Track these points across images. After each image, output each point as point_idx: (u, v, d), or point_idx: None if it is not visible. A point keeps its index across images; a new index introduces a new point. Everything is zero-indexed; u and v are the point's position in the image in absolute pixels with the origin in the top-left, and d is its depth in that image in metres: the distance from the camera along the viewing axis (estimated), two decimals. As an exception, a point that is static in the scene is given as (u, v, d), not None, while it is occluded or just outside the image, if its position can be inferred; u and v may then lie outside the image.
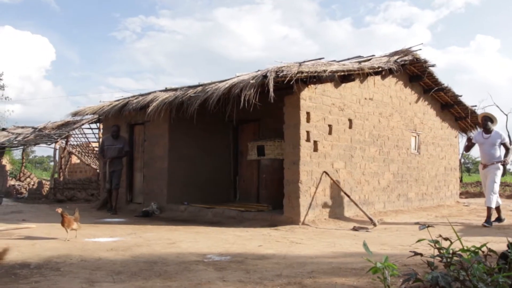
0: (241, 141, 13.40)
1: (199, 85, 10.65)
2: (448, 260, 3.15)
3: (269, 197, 10.75)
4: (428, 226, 3.51)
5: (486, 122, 9.75)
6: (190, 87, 10.94)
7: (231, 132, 13.52)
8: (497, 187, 9.55)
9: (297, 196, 9.07)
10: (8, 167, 23.83)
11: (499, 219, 9.79)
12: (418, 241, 3.60)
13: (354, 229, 8.67)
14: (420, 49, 11.87)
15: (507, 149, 9.60)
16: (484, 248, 3.34)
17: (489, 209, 9.39)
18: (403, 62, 11.52)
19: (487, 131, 9.72)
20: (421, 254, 3.32)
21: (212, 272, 4.76)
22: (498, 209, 9.82)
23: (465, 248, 3.29)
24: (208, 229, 8.63)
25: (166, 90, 11.90)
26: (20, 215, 11.44)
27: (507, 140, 9.66)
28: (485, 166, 9.70)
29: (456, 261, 3.16)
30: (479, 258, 3.18)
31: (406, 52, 11.68)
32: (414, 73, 12.96)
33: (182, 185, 12.03)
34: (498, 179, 9.57)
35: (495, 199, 9.46)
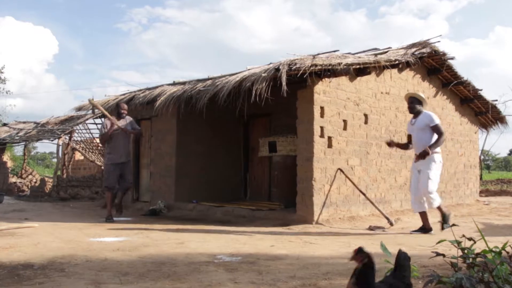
0: (252, 137, 13.40)
1: (208, 79, 10.65)
2: (472, 261, 3.14)
3: (281, 195, 10.74)
4: (452, 225, 3.49)
5: (411, 104, 8.42)
6: (199, 80, 10.94)
7: (241, 128, 13.52)
8: (433, 185, 8.03)
9: (311, 194, 9.06)
10: (9, 163, 23.95)
11: (423, 229, 8.23)
12: (440, 241, 3.59)
13: (370, 228, 8.66)
14: (439, 41, 11.79)
15: (438, 134, 8.06)
16: (508, 248, 3.33)
17: (421, 214, 8.24)
18: (420, 55, 11.45)
19: (414, 114, 8.42)
20: (443, 255, 3.31)
21: (223, 273, 4.76)
22: (424, 215, 8.25)
23: (489, 248, 3.28)
24: (218, 228, 8.64)
25: (174, 83, 11.91)
26: (22, 213, 11.51)
27: (438, 122, 8.08)
28: (417, 158, 8.22)
29: (480, 262, 3.16)
30: (504, 259, 3.16)
31: (424, 44, 11.61)
32: (432, 66, 12.89)
33: (190, 183, 12.04)
34: (433, 174, 8.05)
35: (437, 199, 8.10)
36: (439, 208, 8.19)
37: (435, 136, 8.09)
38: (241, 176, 13.57)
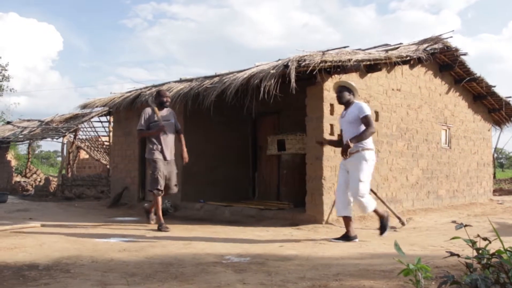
0: (260, 135, 13.40)
1: (215, 76, 10.66)
2: (487, 261, 3.13)
3: (290, 195, 10.73)
4: (466, 226, 3.47)
5: (340, 93, 7.50)
6: (206, 77, 10.95)
7: (249, 126, 13.52)
8: (364, 188, 7.10)
9: (320, 194, 9.05)
10: (13, 162, 24.07)
11: (346, 237, 7.24)
12: (453, 238, 3.57)
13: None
14: (451, 37, 11.77)
15: (366, 126, 7.13)
16: (524, 249, 3.31)
17: (345, 219, 7.32)
18: (432, 51, 11.43)
19: (345, 105, 7.52)
20: (458, 255, 3.29)
21: (232, 274, 4.75)
22: (348, 220, 7.30)
23: (505, 248, 3.26)
24: (225, 228, 8.65)
25: (180, 80, 11.93)
26: (26, 213, 11.54)
27: (368, 113, 7.17)
28: (343, 155, 7.25)
29: (495, 262, 3.14)
30: (520, 259, 3.15)
31: (436, 39, 11.59)
32: (445, 62, 12.86)
33: (197, 182, 12.05)
34: (364, 175, 7.12)
35: (370, 203, 7.18)
36: (375, 211, 7.40)
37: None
38: (249, 175, 13.57)
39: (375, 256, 5.86)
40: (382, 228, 7.48)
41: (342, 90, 7.48)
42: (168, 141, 8.93)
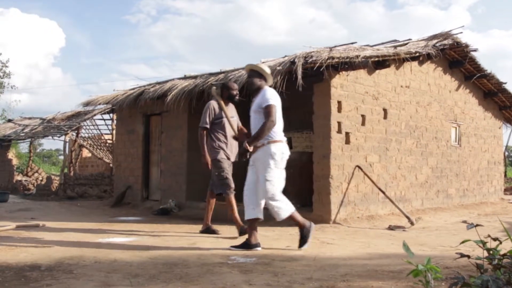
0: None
1: (220, 72, 10.66)
2: (499, 262, 3.13)
3: (297, 194, 10.69)
4: (477, 225, 3.47)
5: (249, 78, 6.75)
6: (211, 74, 10.94)
7: (255, 123, 13.50)
8: (273, 187, 6.31)
9: (328, 193, 9.06)
10: (15, 161, 24.16)
11: (246, 245, 6.40)
12: (464, 241, 3.57)
13: (390, 228, 8.65)
14: (461, 32, 11.76)
15: (265, 117, 6.28)
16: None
17: (251, 222, 6.57)
18: (442, 47, 11.41)
19: (253, 92, 6.71)
20: (468, 256, 3.29)
21: (237, 275, 4.76)
22: (252, 225, 6.55)
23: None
24: (231, 228, 8.65)
25: (185, 77, 11.93)
26: (28, 213, 11.57)
27: (270, 103, 6.29)
28: (254, 149, 6.45)
29: (507, 263, 3.14)
30: (532, 260, 3.15)
31: (445, 35, 11.57)
32: (454, 58, 12.83)
33: (202, 181, 11.98)
34: (272, 174, 6.30)
35: (285, 207, 6.41)
36: (293, 218, 6.52)
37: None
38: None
39: (384, 257, 5.86)
40: (302, 240, 6.41)
41: (252, 75, 6.68)
42: (231, 139, 8.10)
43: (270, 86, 6.88)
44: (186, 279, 4.59)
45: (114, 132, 19.11)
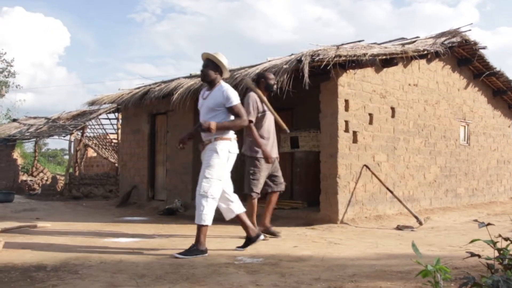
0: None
1: (226, 71, 10.65)
2: (509, 262, 3.11)
3: (304, 193, 10.72)
4: (488, 224, 3.45)
5: (205, 68, 6.32)
6: (216, 73, 10.93)
7: (261, 122, 13.50)
8: (208, 185, 6.02)
9: (335, 192, 9.04)
10: (20, 161, 24.19)
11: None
12: (473, 241, 3.55)
13: (398, 228, 8.62)
14: (470, 30, 11.72)
15: (238, 116, 6.17)
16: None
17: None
18: (450, 44, 11.39)
19: (209, 84, 6.40)
20: (478, 256, 3.28)
21: (244, 276, 4.76)
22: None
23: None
24: (238, 228, 8.60)
25: (190, 76, 11.93)
26: (33, 213, 11.61)
27: (237, 102, 6.16)
28: (203, 146, 6.38)
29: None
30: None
31: (454, 33, 11.54)
32: (463, 56, 12.80)
33: (208, 180, 12.03)
34: (212, 170, 6.06)
35: (205, 214, 6.03)
36: (200, 230, 6.05)
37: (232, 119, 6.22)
38: (261, 173, 13.54)
39: (392, 257, 5.85)
40: (187, 251, 5.93)
41: (208, 65, 6.29)
42: (271, 134, 7.69)
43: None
44: (192, 279, 4.59)
45: (119, 131, 19.12)
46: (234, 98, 6.12)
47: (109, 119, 21.86)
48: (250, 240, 6.41)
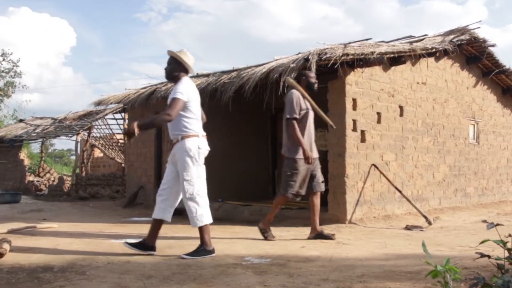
0: (280, 131, 13.22)
1: (233, 70, 10.64)
2: (520, 262, 3.10)
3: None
4: (497, 225, 3.43)
5: (168, 65, 6.34)
6: (223, 72, 10.94)
7: (268, 122, 13.51)
8: (190, 186, 6.03)
9: (343, 192, 9.02)
10: (26, 161, 24.29)
11: (142, 245, 6.15)
12: (483, 241, 3.54)
13: (407, 228, 8.60)
14: (478, 27, 11.70)
15: (165, 109, 6.03)
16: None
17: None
18: (459, 42, 11.36)
19: (171, 79, 6.45)
20: (488, 256, 3.27)
21: (252, 276, 4.75)
22: (156, 226, 6.28)
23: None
24: (245, 228, 8.65)
25: (197, 76, 11.92)
26: (40, 214, 11.64)
27: (177, 96, 5.92)
28: (171, 145, 6.34)
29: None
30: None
31: (462, 30, 11.51)
32: (472, 54, 12.76)
33: (215, 181, 11.95)
34: (189, 172, 6.02)
35: (204, 213, 6.09)
36: (201, 231, 6.07)
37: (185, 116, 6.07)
38: (269, 172, 13.56)
39: (401, 257, 5.83)
40: (194, 252, 5.93)
41: (171, 62, 6.28)
42: (312, 133, 7.53)
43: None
44: (200, 280, 4.59)
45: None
46: (177, 91, 5.96)
47: (116, 119, 21.88)
48: (143, 246, 6.14)
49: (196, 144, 6.08)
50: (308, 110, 7.37)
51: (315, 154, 7.44)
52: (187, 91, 6.05)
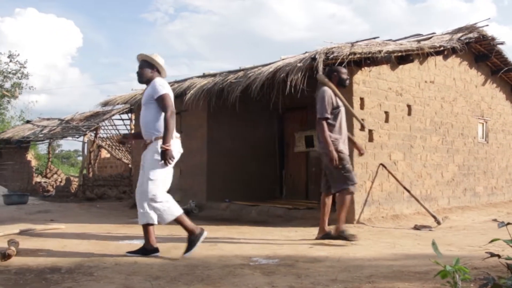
0: (287, 131, 13.35)
1: (240, 70, 10.64)
2: (530, 262, 3.08)
3: (320, 193, 10.68)
4: (508, 224, 3.41)
5: (140, 69, 6.26)
6: (230, 72, 10.94)
7: (276, 121, 13.48)
8: (156, 188, 5.94)
9: (351, 192, 8.99)
10: (34, 162, 24.32)
11: (144, 249, 6.11)
12: (493, 241, 3.51)
13: (416, 228, 8.58)
14: (487, 25, 11.68)
15: (165, 109, 5.94)
16: None
17: (145, 227, 6.06)
18: (467, 40, 11.33)
19: (145, 82, 6.27)
20: (498, 256, 3.24)
21: (260, 277, 4.75)
22: (146, 229, 6.10)
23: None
24: (252, 229, 8.64)
25: (204, 76, 11.93)
26: (47, 214, 11.66)
27: (165, 92, 5.98)
28: (144, 146, 6.21)
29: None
30: None
31: (470, 28, 11.48)
32: (480, 52, 12.72)
33: (222, 181, 12.06)
34: (157, 173, 5.98)
35: (170, 209, 6.00)
36: (179, 221, 6.05)
37: (163, 116, 5.99)
38: (276, 173, 13.54)
39: (410, 257, 5.82)
40: (189, 246, 5.97)
41: (143, 65, 6.22)
42: (345, 131, 7.39)
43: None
44: (207, 281, 4.59)
45: (132, 132, 19.16)
46: (161, 89, 5.97)
47: (122, 119, 21.89)
48: (145, 250, 6.09)
49: (172, 146, 5.99)
50: (340, 108, 7.21)
51: (346, 151, 7.24)
52: (169, 89, 6.09)
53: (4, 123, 32.89)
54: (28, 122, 26.01)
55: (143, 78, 6.20)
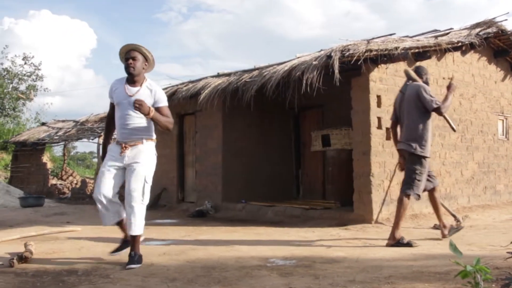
0: (303, 130, 13.34)
1: (254, 69, 10.65)
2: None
3: (337, 193, 10.64)
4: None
5: (134, 60, 5.70)
6: (245, 71, 10.95)
7: (291, 121, 13.47)
8: (149, 193, 5.87)
9: (369, 191, 8.96)
10: (49, 165, 24.46)
11: (120, 247, 6.12)
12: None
13: (435, 227, 8.51)
14: (506, 20, 11.54)
15: (169, 117, 5.84)
16: None
17: (137, 238, 5.73)
18: (486, 35, 11.22)
19: (135, 76, 5.72)
20: (520, 256, 3.22)
21: (277, 278, 4.74)
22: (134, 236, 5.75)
23: None
24: (269, 229, 8.64)
25: (218, 75, 11.95)
26: (63, 217, 11.75)
27: (165, 103, 5.88)
28: (126, 147, 5.75)
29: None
30: None
31: (489, 23, 11.37)
32: (500, 47, 12.60)
33: (238, 181, 12.06)
34: (151, 178, 5.85)
35: (142, 224, 5.80)
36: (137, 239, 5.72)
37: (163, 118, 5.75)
38: (292, 173, 13.52)
39: (430, 257, 5.77)
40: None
41: (137, 57, 5.74)
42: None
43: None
44: (224, 282, 4.60)
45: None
46: (165, 99, 5.87)
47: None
48: (125, 245, 6.00)
49: (154, 150, 5.93)
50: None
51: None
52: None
53: (20, 126, 33.12)
54: (43, 124, 26.18)
55: (136, 71, 5.70)
